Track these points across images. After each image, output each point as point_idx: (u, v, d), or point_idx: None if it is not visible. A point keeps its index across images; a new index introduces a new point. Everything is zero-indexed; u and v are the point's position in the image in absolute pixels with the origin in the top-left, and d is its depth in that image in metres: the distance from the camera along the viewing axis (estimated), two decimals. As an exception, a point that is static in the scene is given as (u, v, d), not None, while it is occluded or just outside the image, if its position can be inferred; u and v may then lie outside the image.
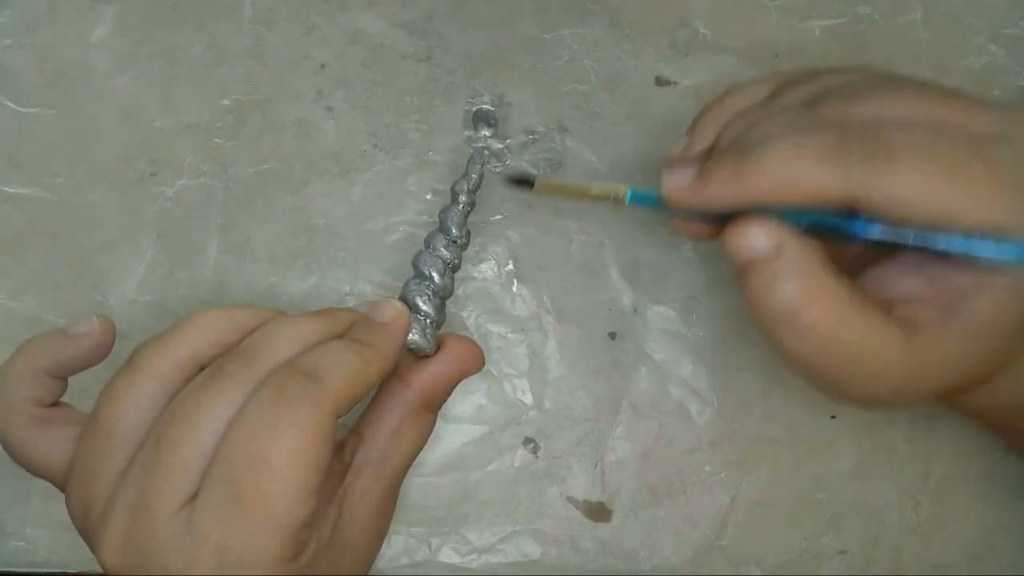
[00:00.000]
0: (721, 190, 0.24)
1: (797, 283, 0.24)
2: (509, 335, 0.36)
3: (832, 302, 0.24)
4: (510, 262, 0.37)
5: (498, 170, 0.37)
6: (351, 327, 0.27)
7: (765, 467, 0.36)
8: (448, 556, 0.35)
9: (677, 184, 0.25)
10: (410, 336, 0.28)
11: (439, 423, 0.35)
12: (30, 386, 0.26)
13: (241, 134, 0.37)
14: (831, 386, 0.25)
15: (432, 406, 0.29)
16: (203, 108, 0.37)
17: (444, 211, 0.31)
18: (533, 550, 0.35)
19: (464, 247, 0.31)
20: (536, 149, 0.38)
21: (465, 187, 0.32)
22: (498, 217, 0.37)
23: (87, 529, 0.25)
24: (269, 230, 0.37)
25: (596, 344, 0.36)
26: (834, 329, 0.24)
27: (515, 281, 0.37)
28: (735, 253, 0.24)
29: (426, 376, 0.29)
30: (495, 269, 0.37)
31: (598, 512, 0.36)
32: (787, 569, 0.35)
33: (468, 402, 0.36)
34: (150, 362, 0.25)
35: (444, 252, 0.30)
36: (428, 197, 0.37)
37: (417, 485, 0.35)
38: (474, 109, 0.38)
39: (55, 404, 0.27)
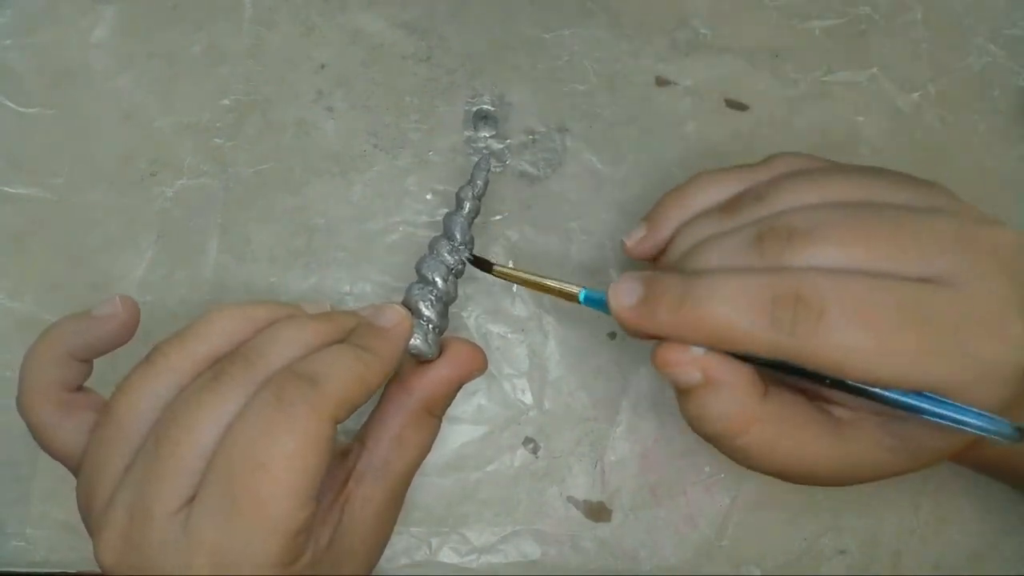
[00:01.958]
0: (663, 321, 0.25)
1: (727, 413, 0.24)
2: (509, 335, 0.36)
3: (763, 427, 0.24)
4: (510, 262, 0.37)
5: (498, 170, 0.37)
6: (353, 330, 0.27)
7: (765, 467, 0.36)
8: (448, 556, 0.35)
9: (624, 303, 0.25)
10: (412, 341, 0.28)
11: (439, 423, 0.36)
12: (56, 369, 0.26)
13: (241, 134, 0.37)
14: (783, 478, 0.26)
15: (435, 411, 0.29)
16: (203, 108, 0.37)
17: (448, 216, 0.31)
18: (533, 550, 0.35)
19: (469, 256, 0.31)
20: (536, 149, 0.38)
21: (470, 193, 0.31)
22: (498, 217, 0.37)
23: (89, 522, 0.25)
24: (269, 230, 0.37)
25: (596, 344, 0.36)
26: (767, 449, 0.25)
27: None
28: (667, 378, 0.25)
29: (427, 381, 0.29)
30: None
31: (598, 512, 0.36)
32: (787, 569, 0.35)
33: (468, 402, 0.36)
34: (167, 357, 0.25)
35: (448, 257, 0.30)
36: (428, 197, 0.37)
37: (417, 485, 0.35)
38: (474, 109, 0.38)
39: (79, 388, 0.27)
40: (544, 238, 0.37)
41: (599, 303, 0.27)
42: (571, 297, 0.28)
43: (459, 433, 0.36)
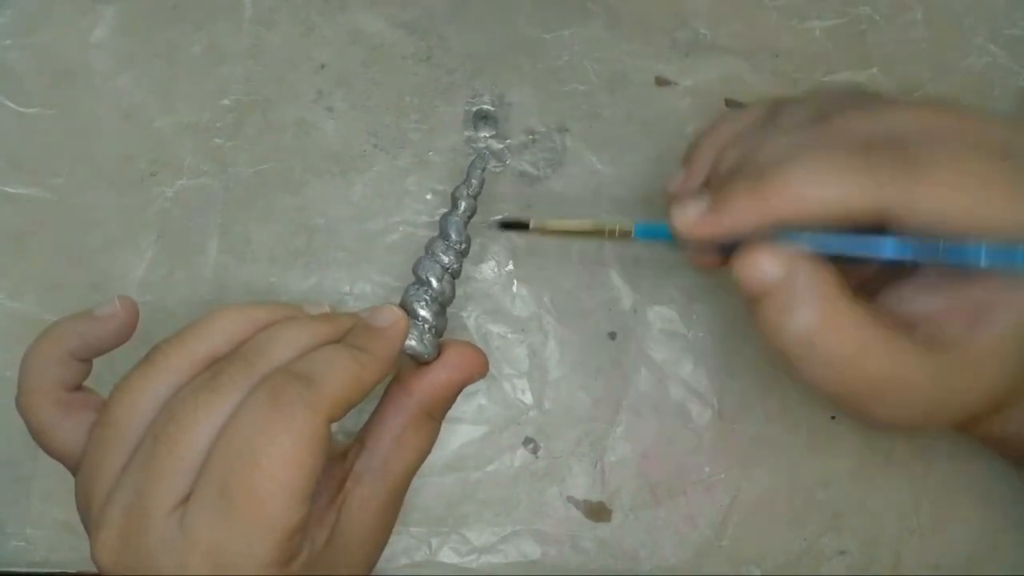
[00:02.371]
0: (742, 216, 0.23)
1: (812, 311, 0.23)
2: (509, 335, 0.36)
3: (851, 329, 0.23)
4: (510, 262, 0.37)
5: (498, 170, 0.37)
6: (350, 331, 0.27)
7: (765, 467, 0.36)
8: (448, 556, 0.35)
9: (692, 217, 0.24)
10: (408, 342, 0.28)
11: (439, 423, 0.36)
12: (57, 368, 0.26)
13: (241, 134, 0.37)
14: (859, 413, 0.24)
15: (434, 414, 0.29)
16: (203, 108, 0.37)
17: (444, 216, 0.31)
18: (533, 550, 0.35)
19: (465, 253, 0.31)
20: (536, 149, 0.38)
21: (465, 192, 0.31)
22: (498, 217, 0.37)
23: (87, 523, 0.25)
24: (269, 230, 0.37)
25: (596, 344, 0.36)
26: (855, 358, 0.23)
27: (515, 281, 0.37)
28: (745, 283, 0.23)
29: (426, 383, 0.28)
30: (495, 269, 0.37)
31: (598, 512, 0.36)
32: (787, 569, 0.35)
33: (468, 402, 0.36)
34: (166, 357, 0.25)
35: (443, 257, 0.30)
36: (428, 197, 0.37)
37: (417, 485, 0.35)
38: (474, 109, 0.38)
39: (79, 388, 0.27)
40: (544, 238, 0.37)
41: (658, 232, 0.25)
42: (624, 234, 0.26)
43: (459, 433, 0.36)
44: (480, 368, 0.29)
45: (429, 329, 0.29)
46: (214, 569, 0.22)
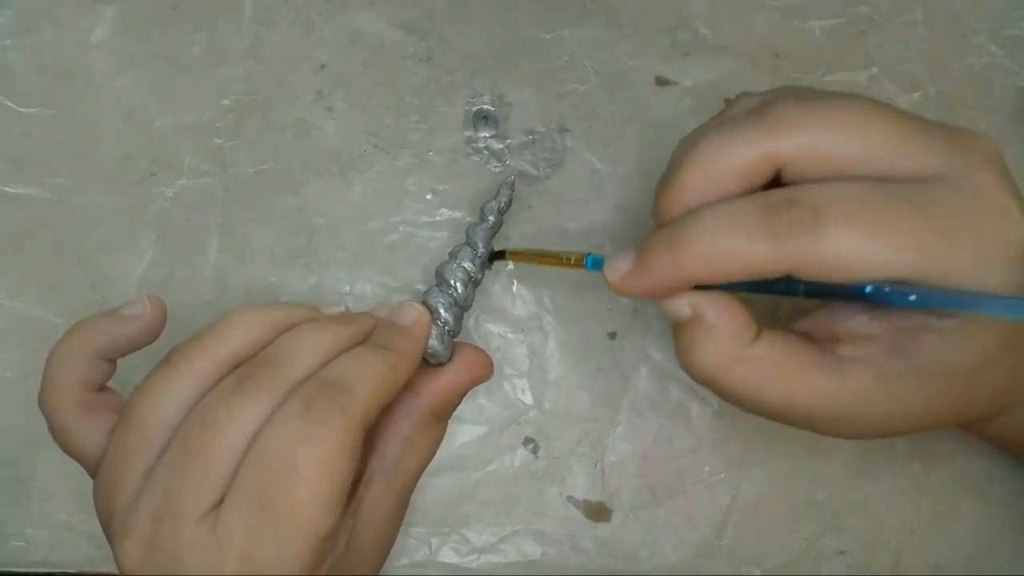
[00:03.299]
0: (662, 275, 0.24)
1: (714, 350, 0.24)
2: (509, 335, 0.36)
3: (749, 367, 0.24)
4: (510, 262, 0.37)
5: (498, 170, 0.37)
6: (372, 331, 0.27)
7: (765, 467, 0.36)
8: (448, 556, 0.35)
9: (619, 273, 0.25)
10: (430, 341, 0.28)
11: (439, 423, 0.35)
12: (82, 366, 0.26)
13: (241, 134, 0.37)
14: (815, 431, 0.26)
15: (442, 415, 0.29)
16: (203, 108, 0.37)
17: (472, 227, 0.32)
18: (533, 550, 0.35)
19: (487, 266, 0.32)
20: (536, 149, 0.38)
21: (495, 208, 0.33)
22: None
23: (109, 526, 0.25)
24: (269, 230, 0.37)
25: (596, 344, 0.36)
26: (754, 390, 0.25)
27: (515, 281, 0.37)
28: (665, 315, 0.26)
29: (437, 385, 0.29)
30: (495, 269, 0.37)
31: (598, 512, 0.36)
32: (787, 569, 0.35)
33: (468, 402, 0.36)
34: (189, 360, 0.25)
35: (469, 265, 0.31)
36: (428, 197, 0.37)
37: (417, 485, 0.35)
38: (474, 109, 0.38)
39: (102, 389, 0.27)
40: (544, 238, 0.37)
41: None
42: (578, 264, 0.28)
43: (459, 433, 0.36)
44: (487, 371, 0.30)
45: (449, 332, 0.29)
46: (249, 571, 0.23)
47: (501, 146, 0.38)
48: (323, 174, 0.37)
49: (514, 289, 0.37)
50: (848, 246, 0.22)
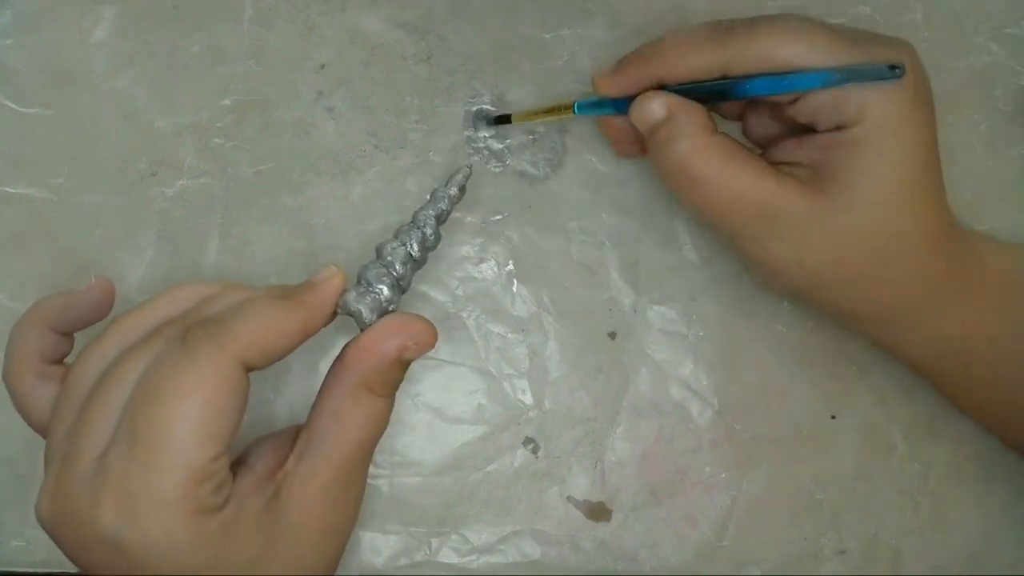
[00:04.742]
0: (635, 74, 0.31)
1: (686, 140, 0.30)
2: (509, 335, 0.36)
3: (715, 152, 0.30)
4: (510, 262, 0.37)
5: (498, 170, 0.37)
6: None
7: (765, 467, 0.36)
8: (448, 556, 0.35)
9: (603, 73, 0.32)
10: (346, 298, 0.28)
11: (439, 423, 0.36)
12: (36, 339, 0.28)
13: (241, 134, 0.37)
14: (759, 257, 0.30)
15: (373, 387, 0.27)
16: (203, 108, 0.37)
17: (420, 210, 0.31)
18: (533, 550, 0.35)
19: (432, 247, 0.31)
20: (536, 149, 0.38)
21: (445, 195, 0.32)
22: (498, 217, 0.37)
23: None
24: (269, 230, 0.37)
25: (596, 344, 0.36)
26: (720, 175, 0.29)
27: (515, 281, 0.37)
28: (639, 121, 0.31)
29: (356, 350, 0.27)
30: (495, 269, 0.37)
31: (598, 512, 0.36)
32: (787, 569, 0.35)
33: (468, 402, 0.36)
34: (118, 324, 0.27)
35: (412, 244, 0.30)
36: (428, 197, 0.37)
37: (417, 485, 0.35)
38: (474, 109, 0.38)
39: (59, 363, 0.28)
40: (544, 238, 0.37)
41: (591, 106, 0.33)
42: (567, 109, 0.34)
43: (459, 433, 0.36)
44: (421, 336, 0.27)
45: (383, 302, 0.28)
46: (124, 509, 0.23)
47: (501, 146, 0.38)
48: (323, 174, 0.37)
49: (514, 289, 0.37)
50: (770, 47, 0.28)
